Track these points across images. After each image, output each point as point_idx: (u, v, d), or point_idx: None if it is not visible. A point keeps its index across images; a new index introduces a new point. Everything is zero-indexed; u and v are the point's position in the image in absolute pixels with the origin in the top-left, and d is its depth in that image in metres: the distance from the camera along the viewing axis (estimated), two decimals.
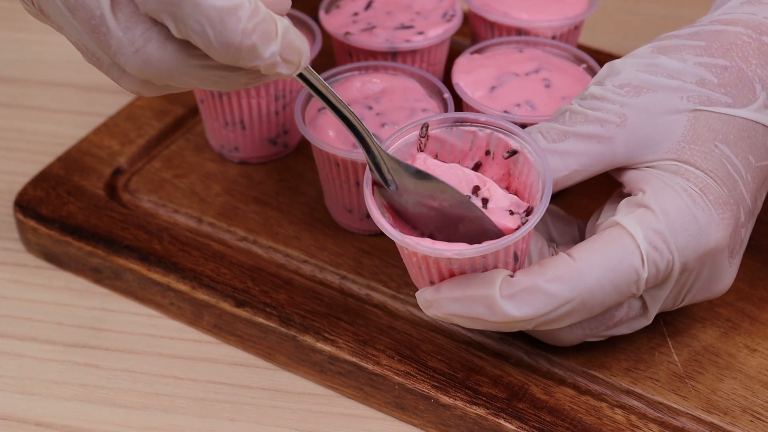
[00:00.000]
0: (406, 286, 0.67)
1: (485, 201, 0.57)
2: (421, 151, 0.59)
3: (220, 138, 0.77)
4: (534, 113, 0.70)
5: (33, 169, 0.78)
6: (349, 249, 0.71)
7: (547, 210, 0.64)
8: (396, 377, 0.62)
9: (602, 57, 0.75)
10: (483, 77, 0.73)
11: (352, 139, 0.69)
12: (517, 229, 0.55)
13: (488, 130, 0.58)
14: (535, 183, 0.56)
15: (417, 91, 0.72)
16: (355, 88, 0.72)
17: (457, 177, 0.57)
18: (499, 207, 0.57)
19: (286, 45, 0.49)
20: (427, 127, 0.58)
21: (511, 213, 0.56)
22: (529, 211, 0.56)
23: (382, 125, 0.69)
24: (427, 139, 0.59)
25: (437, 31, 0.78)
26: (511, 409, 0.60)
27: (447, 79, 0.80)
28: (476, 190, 0.57)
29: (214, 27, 0.47)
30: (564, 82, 0.72)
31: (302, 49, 0.50)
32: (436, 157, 0.59)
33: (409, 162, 0.58)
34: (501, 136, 0.58)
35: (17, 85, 0.90)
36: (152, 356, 0.67)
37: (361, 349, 0.64)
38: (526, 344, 0.63)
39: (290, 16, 0.78)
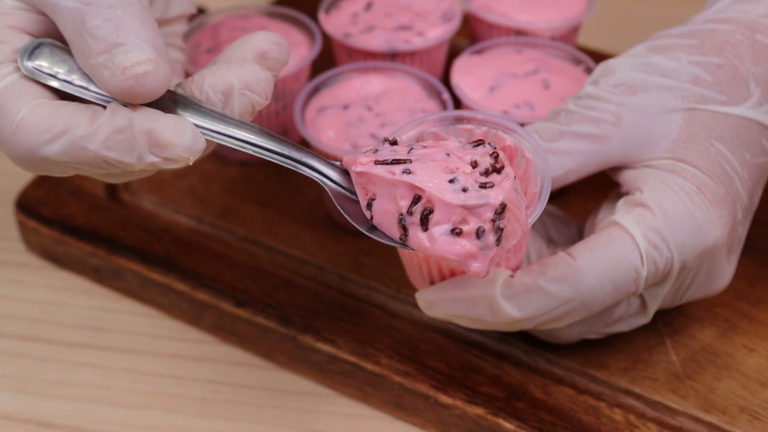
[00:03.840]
0: (405, 286, 0.68)
1: (426, 213, 0.50)
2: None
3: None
4: (533, 114, 0.70)
5: None
6: (349, 249, 0.71)
7: (546, 210, 0.64)
8: (395, 377, 0.62)
9: (601, 58, 0.75)
10: (482, 78, 0.73)
11: (350, 139, 0.69)
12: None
13: (485, 128, 0.58)
14: (533, 181, 0.56)
15: (416, 92, 0.72)
16: (354, 89, 0.73)
17: (393, 188, 0.50)
18: (445, 221, 0.49)
19: (153, 145, 0.47)
20: (395, 142, 0.53)
21: (459, 233, 0.49)
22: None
23: (382, 126, 0.69)
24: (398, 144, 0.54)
25: (436, 33, 0.78)
26: (510, 409, 0.60)
27: (446, 80, 0.80)
28: (416, 201, 0.50)
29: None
30: (563, 82, 0.72)
31: (174, 141, 0.47)
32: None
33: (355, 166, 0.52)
34: (499, 133, 0.58)
35: None
36: (152, 356, 0.67)
37: (361, 349, 0.64)
38: (525, 344, 0.64)
39: (290, 17, 0.79)
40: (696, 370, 0.62)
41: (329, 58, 0.84)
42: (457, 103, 0.73)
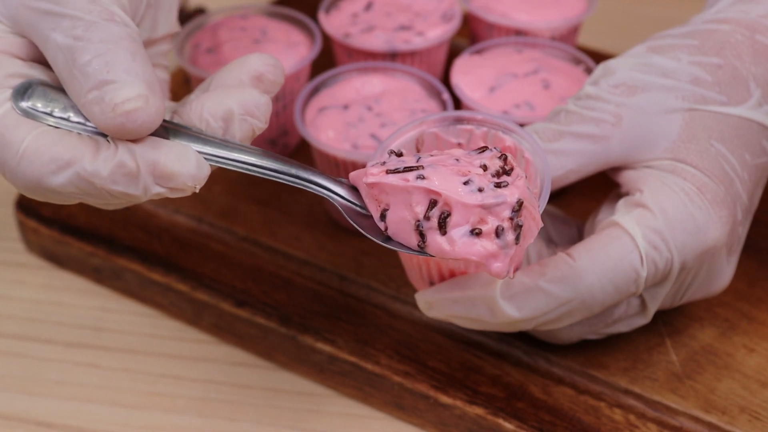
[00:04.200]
0: (405, 286, 0.68)
1: (444, 217, 0.50)
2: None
3: None
4: (533, 114, 0.70)
5: None
6: (349, 249, 0.71)
7: (546, 211, 0.64)
8: (395, 377, 0.62)
9: (601, 58, 0.75)
10: (482, 78, 0.73)
11: (350, 139, 0.69)
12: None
13: (485, 128, 0.58)
14: (534, 181, 0.56)
15: (416, 92, 0.72)
16: (354, 89, 0.73)
17: (407, 196, 0.50)
18: (464, 222, 0.49)
19: (158, 176, 0.47)
20: (400, 154, 0.54)
21: (478, 233, 0.49)
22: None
23: (382, 126, 0.69)
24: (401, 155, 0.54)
25: (436, 33, 0.78)
26: (510, 409, 0.60)
27: (446, 80, 0.80)
28: (432, 205, 0.50)
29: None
30: (563, 82, 0.72)
31: (179, 170, 0.47)
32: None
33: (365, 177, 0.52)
34: (498, 133, 0.58)
35: None
36: (152, 356, 0.67)
37: (361, 349, 0.64)
38: (525, 344, 0.64)
39: (290, 17, 0.79)
40: (696, 370, 0.62)
41: (329, 58, 0.84)
42: (457, 103, 0.73)
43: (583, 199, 0.73)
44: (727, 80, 0.59)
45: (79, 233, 0.72)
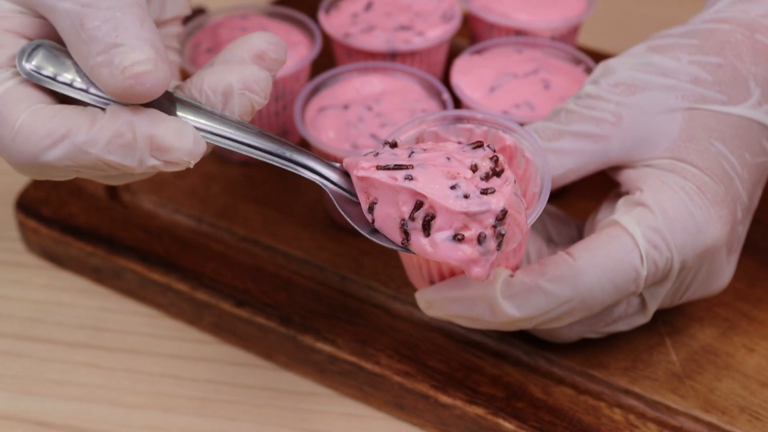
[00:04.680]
0: (405, 286, 0.68)
1: (429, 219, 0.50)
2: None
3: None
4: (533, 114, 0.70)
5: None
6: (349, 249, 0.71)
7: (546, 210, 0.64)
8: (395, 377, 0.62)
9: (601, 58, 0.75)
10: (482, 78, 0.73)
11: (350, 139, 0.69)
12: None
13: (485, 127, 0.58)
14: (534, 180, 0.56)
15: (416, 92, 0.72)
16: (354, 88, 0.73)
17: (395, 194, 0.50)
18: (447, 227, 0.50)
19: (155, 149, 0.48)
20: (395, 144, 0.54)
21: (460, 239, 0.49)
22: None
23: (382, 126, 0.69)
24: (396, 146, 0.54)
25: (436, 33, 0.78)
26: (510, 409, 0.60)
27: (446, 80, 0.80)
28: (418, 206, 0.50)
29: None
30: (563, 82, 0.72)
31: (176, 145, 0.47)
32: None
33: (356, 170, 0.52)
34: (499, 132, 0.58)
35: None
36: (152, 356, 0.67)
37: (361, 349, 0.64)
38: (525, 344, 0.64)
39: (290, 17, 0.79)
40: (696, 370, 0.62)
41: (329, 58, 0.84)
42: (457, 103, 0.73)
43: (583, 199, 0.73)
44: (727, 80, 0.59)
45: (79, 233, 0.72)
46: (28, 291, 0.72)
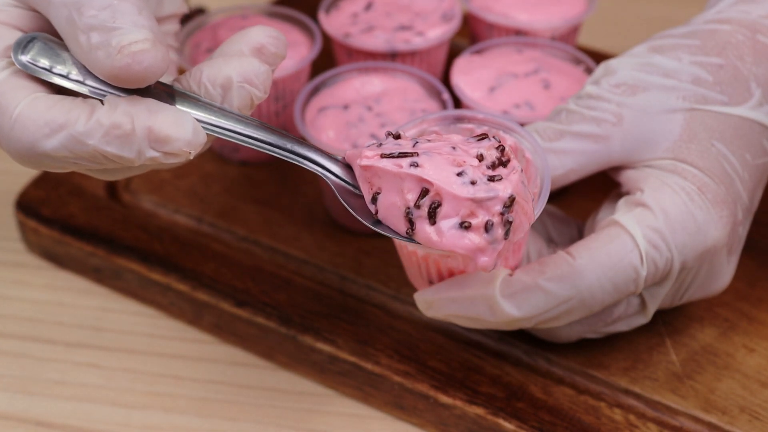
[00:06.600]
0: (405, 286, 0.68)
1: (435, 207, 0.49)
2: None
3: (220, 139, 0.77)
4: (533, 114, 0.70)
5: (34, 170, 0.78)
6: (349, 249, 0.71)
7: (546, 210, 0.64)
8: (395, 377, 0.62)
9: (601, 58, 0.75)
10: (482, 78, 0.73)
11: (350, 139, 0.69)
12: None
13: (485, 128, 0.57)
14: (534, 180, 0.56)
15: (416, 92, 0.72)
16: (354, 89, 0.73)
17: (399, 182, 0.50)
18: (453, 214, 0.49)
19: (153, 140, 0.47)
20: (398, 136, 0.53)
21: (467, 226, 0.49)
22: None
23: (382, 125, 0.69)
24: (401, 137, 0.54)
25: (436, 33, 0.78)
26: (510, 409, 0.60)
27: (446, 80, 0.80)
28: (424, 194, 0.49)
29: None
30: (563, 82, 0.72)
31: (174, 135, 0.47)
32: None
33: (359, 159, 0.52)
34: (499, 133, 0.58)
35: None
36: (152, 356, 0.67)
37: (361, 349, 0.64)
38: (525, 344, 0.64)
39: (290, 17, 0.79)
40: (696, 370, 0.62)
41: (329, 58, 0.84)
42: (457, 103, 0.73)
43: (583, 199, 0.73)
44: (729, 80, 0.59)
45: (79, 233, 0.72)
46: (28, 291, 0.72)
